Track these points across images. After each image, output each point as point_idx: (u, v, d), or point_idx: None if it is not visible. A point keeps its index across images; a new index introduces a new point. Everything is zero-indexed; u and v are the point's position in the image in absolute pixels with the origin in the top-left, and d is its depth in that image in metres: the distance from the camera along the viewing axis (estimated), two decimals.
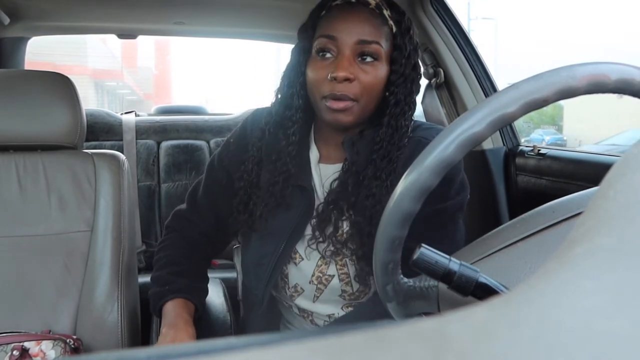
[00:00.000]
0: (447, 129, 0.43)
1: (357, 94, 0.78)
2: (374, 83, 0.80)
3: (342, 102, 0.78)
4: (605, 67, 0.41)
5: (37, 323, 1.04)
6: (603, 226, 0.18)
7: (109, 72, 23.66)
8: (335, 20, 0.80)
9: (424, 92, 1.64)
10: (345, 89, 0.77)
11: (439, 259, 0.45)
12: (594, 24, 30.90)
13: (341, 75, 0.76)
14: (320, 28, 0.82)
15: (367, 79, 0.79)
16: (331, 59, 0.79)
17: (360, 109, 0.80)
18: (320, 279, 0.88)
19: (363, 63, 0.79)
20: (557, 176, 1.30)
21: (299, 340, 0.15)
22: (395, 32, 0.82)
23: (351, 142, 0.84)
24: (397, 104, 0.82)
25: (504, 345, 0.13)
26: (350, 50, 0.78)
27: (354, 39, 0.78)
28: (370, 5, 0.81)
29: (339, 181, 0.85)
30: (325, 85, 0.79)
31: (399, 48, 0.82)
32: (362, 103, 0.80)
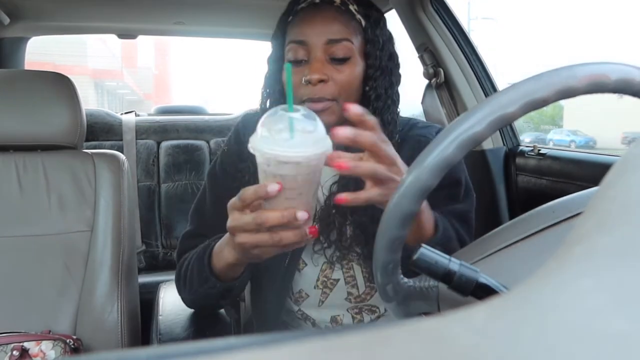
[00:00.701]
0: (447, 129, 0.43)
1: (335, 93, 0.78)
2: (350, 80, 0.79)
3: (320, 104, 0.77)
4: (605, 67, 0.41)
5: (37, 323, 1.04)
6: (603, 226, 0.18)
7: (109, 72, 23.67)
8: (302, 24, 0.80)
9: (424, 92, 1.64)
10: (321, 91, 0.77)
11: (439, 259, 0.45)
12: (595, 24, 30.94)
13: (315, 77, 0.76)
14: (289, 34, 0.81)
15: (341, 77, 0.78)
16: (304, 63, 0.79)
17: (341, 108, 0.78)
18: (325, 283, 0.87)
19: (336, 63, 0.78)
20: (557, 176, 1.30)
21: (299, 340, 0.15)
22: (365, 26, 0.81)
23: (343, 145, 0.83)
24: (379, 98, 0.81)
25: (504, 345, 0.13)
26: (320, 51, 0.78)
27: (323, 40, 0.77)
28: (335, 3, 0.80)
29: (339, 185, 0.84)
30: (301, 89, 0.78)
31: (371, 41, 0.81)
32: (342, 101, 0.79)
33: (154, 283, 1.49)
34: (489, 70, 1.51)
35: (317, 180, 0.60)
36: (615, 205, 0.19)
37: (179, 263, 0.88)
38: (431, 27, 1.48)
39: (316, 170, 0.58)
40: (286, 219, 0.58)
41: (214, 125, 2.09)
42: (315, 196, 0.61)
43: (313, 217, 0.83)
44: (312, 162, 0.56)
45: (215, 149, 2.03)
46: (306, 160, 0.55)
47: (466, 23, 10.47)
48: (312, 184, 0.59)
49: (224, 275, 0.76)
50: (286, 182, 0.57)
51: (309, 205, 0.60)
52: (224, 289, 0.77)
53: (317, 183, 0.60)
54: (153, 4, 1.62)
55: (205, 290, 0.78)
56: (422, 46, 1.54)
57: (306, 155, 0.55)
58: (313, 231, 0.61)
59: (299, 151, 0.55)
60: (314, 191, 0.60)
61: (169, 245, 1.95)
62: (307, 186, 0.58)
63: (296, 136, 0.56)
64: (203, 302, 0.85)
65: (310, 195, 0.59)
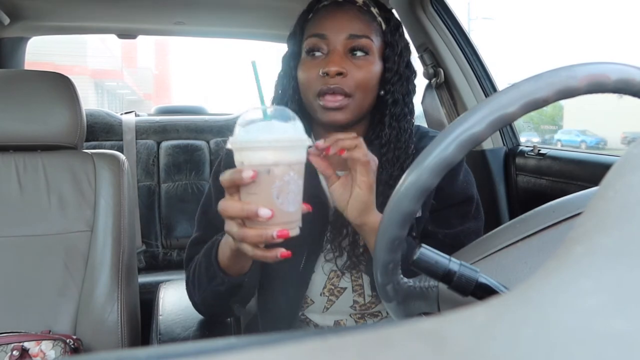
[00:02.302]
0: (447, 129, 0.43)
1: (352, 88, 0.77)
2: (368, 77, 0.78)
3: (337, 98, 0.76)
4: (605, 67, 0.41)
5: (37, 323, 1.04)
6: (603, 226, 0.18)
7: (109, 72, 23.67)
8: (324, 19, 0.80)
9: (424, 92, 1.64)
10: (339, 83, 0.76)
11: (438, 259, 0.45)
12: (595, 24, 30.95)
13: (333, 69, 0.75)
14: (309, 29, 0.81)
15: (360, 73, 0.77)
16: (322, 57, 0.78)
17: (356, 106, 0.79)
18: (332, 291, 0.86)
19: (355, 58, 0.78)
20: (557, 176, 1.30)
21: (299, 340, 0.15)
22: (385, 29, 0.81)
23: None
24: (396, 104, 0.81)
25: (504, 345, 0.13)
26: (341, 45, 0.77)
27: (344, 35, 0.77)
28: (357, 3, 0.81)
29: None
30: (317, 82, 0.77)
31: (390, 45, 0.81)
32: (357, 99, 0.78)
33: (154, 283, 1.49)
34: (489, 70, 1.50)
35: (294, 184, 0.57)
36: (615, 205, 0.19)
37: (187, 268, 0.86)
38: (431, 27, 1.48)
39: (293, 169, 0.57)
40: (245, 212, 0.57)
41: (214, 125, 2.09)
42: (298, 206, 0.59)
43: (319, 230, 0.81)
44: (286, 157, 0.56)
45: (215, 149, 2.03)
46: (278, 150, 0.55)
47: (466, 23, 10.45)
48: (288, 184, 0.57)
49: (231, 269, 0.74)
50: (261, 177, 0.56)
51: (289, 216, 0.57)
52: (233, 285, 0.75)
53: (294, 189, 0.58)
54: (153, 4, 1.62)
55: (214, 288, 0.76)
56: (422, 46, 1.54)
57: (278, 143, 0.55)
58: (284, 254, 0.60)
59: (270, 138, 0.55)
60: (291, 196, 0.57)
61: (169, 245, 1.95)
62: (283, 186, 0.56)
63: (270, 127, 0.56)
64: (214, 302, 0.82)
65: (288, 200, 0.57)
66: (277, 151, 0.55)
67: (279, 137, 0.56)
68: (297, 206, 0.58)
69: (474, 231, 0.84)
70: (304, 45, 0.81)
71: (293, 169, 0.57)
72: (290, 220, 0.58)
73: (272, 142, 0.55)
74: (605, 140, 13.15)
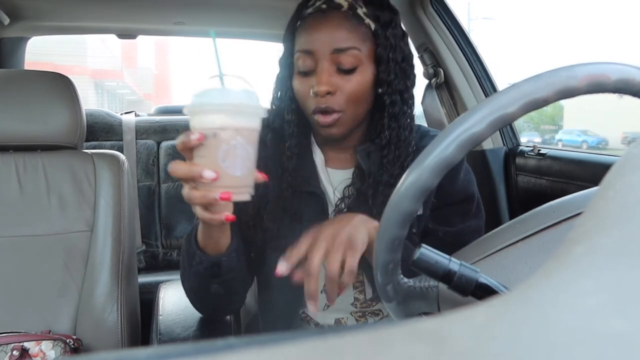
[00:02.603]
0: (447, 129, 0.43)
1: (342, 104, 0.77)
2: (358, 90, 0.77)
3: (329, 116, 0.77)
4: (605, 67, 0.41)
5: (37, 323, 1.04)
6: (603, 226, 0.18)
7: (109, 72, 23.67)
8: (309, 32, 0.78)
9: (424, 92, 1.64)
10: (329, 102, 0.76)
11: (439, 259, 0.45)
12: (595, 24, 30.97)
13: (322, 90, 0.75)
14: (297, 42, 0.80)
15: (349, 88, 0.76)
16: (312, 73, 0.78)
17: (350, 118, 0.79)
18: None
19: (343, 72, 0.77)
20: (557, 176, 1.30)
21: (299, 340, 0.15)
22: (375, 29, 0.78)
23: (366, 152, 0.82)
24: (394, 104, 0.80)
25: (504, 345, 0.13)
26: (327, 61, 0.76)
27: (329, 49, 0.76)
28: (342, 8, 0.78)
29: (355, 189, 0.83)
30: (310, 100, 0.78)
31: (382, 45, 0.78)
32: (350, 112, 0.78)
33: (154, 283, 1.49)
34: (489, 70, 1.50)
35: (242, 149, 0.59)
36: (615, 205, 0.19)
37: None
38: (431, 27, 1.48)
39: (240, 134, 0.58)
40: (190, 173, 0.58)
41: None
42: (246, 172, 0.60)
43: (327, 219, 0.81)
44: (233, 121, 0.57)
45: None
46: (225, 114, 0.57)
47: (466, 23, 10.44)
48: (235, 148, 0.58)
49: (208, 247, 0.74)
50: (207, 140, 0.58)
51: (235, 180, 0.59)
52: (211, 264, 0.74)
53: (241, 153, 0.59)
54: (153, 4, 1.62)
55: (194, 269, 0.76)
56: (422, 46, 1.54)
57: (225, 107, 0.57)
58: (229, 217, 0.63)
59: (217, 102, 0.57)
60: (238, 161, 0.59)
61: (169, 245, 1.95)
62: (229, 150, 0.58)
63: (221, 94, 0.59)
64: (197, 286, 0.81)
65: (235, 164, 0.59)
66: (224, 115, 0.57)
67: (226, 102, 0.58)
68: (244, 171, 0.59)
69: (475, 229, 0.84)
70: (295, 59, 0.80)
71: (240, 134, 0.58)
72: (237, 184, 0.59)
73: (220, 106, 0.57)
74: (606, 140, 13.13)
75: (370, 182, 0.81)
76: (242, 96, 0.58)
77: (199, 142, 0.58)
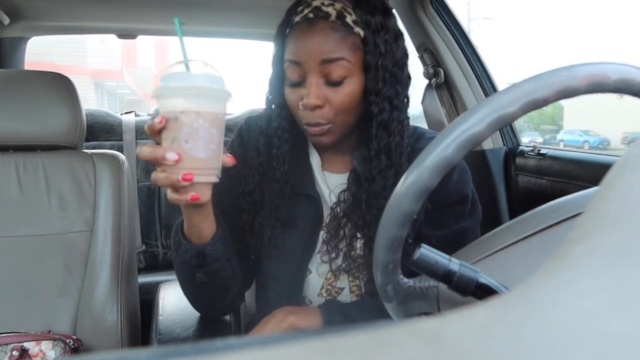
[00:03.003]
0: (447, 129, 0.43)
1: (330, 117, 0.76)
2: (347, 101, 0.76)
3: (318, 127, 0.77)
4: (605, 67, 0.41)
5: (37, 323, 1.04)
6: (603, 226, 0.18)
7: (109, 72, 23.67)
8: (297, 42, 0.77)
9: (424, 92, 1.64)
10: (317, 116, 0.76)
11: (439, 259, 0.45)
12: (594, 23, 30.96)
13: (310, 103, 0.74)
14: (287, 50, 0.79)
15: (337, 100, 0.76)
16: (301, 84, 0.77)
17: (339, 128, 0.78)
18: (329, 291, 0.86)
19: (331, 84, 0.75)
20: (557, 176, 1.30)
21: (299, 340, 0.15)
22: (364, 36, 0.76)
23: (362, 157, 0.81)
24: (382, 112, 0.78)
25: (504, 345, 0.13)
26: (315, 73, 0.75)
27: (317, 61, 0.74)
28: (330, 18, 0.75)
29: (350, 193, 0.83)
30: (300, 112, 0.78)
31: (371, 52, 0.76)
32: (340, 122, 0.77)
33: (154, 283, 1.49)
34: (489, 70, 1.50)
35: (204, 131, 0.60)
36: (615, 205, 0.19)
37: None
38: (431, 27, 1.48)
39: (202, 117, 0.60)
40: (154, 155, 0.60)
41: None
42: (210, 154, 0.62)
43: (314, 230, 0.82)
44: (194, 104, 0.59)
45: None
46: (186, 97, 0.58)
47: (466, 23, 10.43)
48: (197, 131, 0.60)
49: (193, 236, 0.75)
50: (170, 123, 0.60)
51: (198, 162, 0.61)
52: (196, 252, 0.75)
53: (204, 136, 0.60)
54: (153, 4, 1.61)
55: (181, 258, 0.76)
56: (422, 46, 1.54)
57: (186, 91, 0.59)
58: (194, 197, 0.64)
59: (178, 85, 0.59)
60: (201, 143, 0.60)
61: (169, 245, 1.95)
62: (191, 133, 0.60)
63: (185, 78, 0.60)
64: (185, 276, 0.81)
65: (197, 146, 0.60)
66: (185, 99, 0.59)
67: (186, 85, 0.59)
68: (208, 153, 0.61)
69: (469, 229, 0.83)
70: (285, 68, 0.79)
71: (202, 117, 0.60)
72: (200, 166, 0.61)
73: (181, 90, 0.59)
74: (608, 140, 13.10)
75: (366, 187, 0.80)
76: (204, 80, 0.60)
77: (161, 125, 0.60)
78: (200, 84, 0.59)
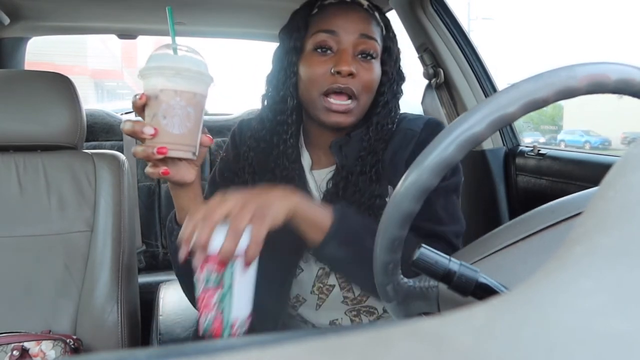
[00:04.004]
0: (447, 129, 0.43)
1: (359, 90, 0.78)
2: (373, 80, 0.80)
3: (343, 100, 0.77)
4: (605, 67, 0.41)
5: (37, 323, 1.04)
6: (603, 226, 0.18)
7: (109, 72, 23.66)
8: (334, 16, 0.79)
9: (424, 92, 1.64)
10: (349, 83, 0.77)
11: (438, 259, 0.45)
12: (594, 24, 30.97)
13: (345, 69, 0.75)
14: (316, 25, 0.80)
15: (367, 76, 0.78)
16: (331, 54, 0.78)
17: (360, 109, 0.80)
18: (321, 289, 0.87)
19: (363, 60, 0.79)
20: (557, 176, 1.30)
21: (299, 340, 0.15)
22: (384, 35, 0.83)
23: (338, 146, 0.83)
24: (386, 106, 0.82)
25: (504, 345, 0.13)
26: (351, 45, 0.78)
27: (356, 34, 0.78)
28: (363, 6, 0.81)
29: (332, 183, 0.84)
30: (326, 80, 0.77)
31: (389, 50, 0.83)
32: (362, 102, 0.79)
33: (154, 283, 1.49)
34: (488, 70, 1.50)
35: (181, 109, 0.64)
36: (615, 205, 0.19)
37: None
38: (431, 27, 1.48)
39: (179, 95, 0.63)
40: (133, 128, 0.64)
41: (213, 126, 2.09)
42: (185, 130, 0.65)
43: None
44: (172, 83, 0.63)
45: (215, 149, 2.03)
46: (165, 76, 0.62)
47: (466, 23, 10.42)
48: (173, 108, 0.63)
49: (184, 221, 0.73)
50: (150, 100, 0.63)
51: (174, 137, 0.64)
52: None
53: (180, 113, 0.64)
54: (153, 4, 1.61)
55: (174, 246, 0.76)
56: (422, 46, 1.54)
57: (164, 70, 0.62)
58: (165, 171, 0.67)
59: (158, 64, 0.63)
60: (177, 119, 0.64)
61: None
62: (168, 109, 0.63)
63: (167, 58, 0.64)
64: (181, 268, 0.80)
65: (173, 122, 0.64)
66: (165, 78, 0.63)
67: (167, 65, 0.63)
68: (183, 130, 0.65)
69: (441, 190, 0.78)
70: (310, 40, 0.80)
71: (180, 96, 0.63)
72: (175, 141, 0.65)
73: (161, 69, 0.63)
74: (609, 141, 13.10)
75: (343, 175, 0.82)
76: (185, 62, 0.64)
77: (142, 101, 0.64)
78: (179, 65, 0.64)
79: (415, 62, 1.58)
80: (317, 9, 0.82)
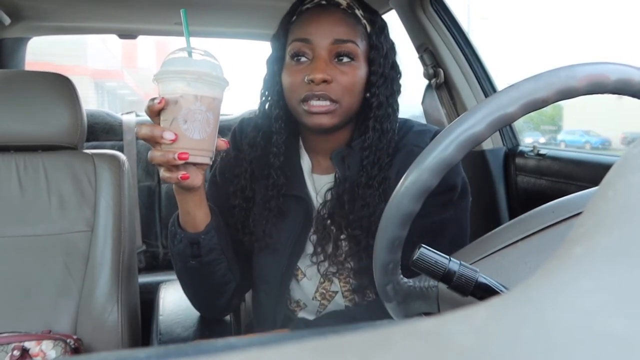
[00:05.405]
0: (447, 129, 0.43)
1: (338, 94, 0.76)
2: (353, 83, 0.77)
3: (323, 104, 0.75)
4: (605, 67, 0.41)
5: (37, 323, 1.04)
6: (602, 226, 0.18)
7: (109, 73, 23.66)
8: (308, 23, 0.78)
9: (424, 92, 1.64)
10: (324, 90, 0.75)
11: (438, 259, 0.45)
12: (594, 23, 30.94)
13: (318, 77, 0.74)
14: (293, 33, 0.79)
15: (345, 79, 0.76)
16: (307, 62, 0.77)
17: (343, 110, 0.78)
18: (324, 295, 0.87)
19: (340, 64, 0.77)
20: (557, 176, 1.30)
21: (299, 340, 0.15)
22: (370, 32, 0.80)
23: (340, 157, 0.82)
24: (380, 106, 0.80)
25: (504, 345, 0.13)
26: (325, 51, 0.76)
27: (329, 40, 0.76)
28: (341, 6, 0.79)
29: (333, 193, 0.83)
30: (302, 88, 0.76)
31: (376, 47, 0.79)
32: (344, 105, 0.77)
33: (154, 283, 1.49)
34: (488, 71, 1.50)
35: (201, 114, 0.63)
36: (615, 205, 0.19)
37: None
38: (431, 28, 1.48)
39: (200, 100, 0.63)
40: (153, 133, 0.63)
41: None
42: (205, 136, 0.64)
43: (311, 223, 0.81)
44: (192, 88, 0.62)
45: None
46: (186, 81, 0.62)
47: (466, 23, 10.38)
48: (194, 113, 0.63)
49: (187, 224, 0.77)
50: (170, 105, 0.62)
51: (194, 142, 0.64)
52: (190, 241, 0.77)
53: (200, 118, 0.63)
54: (153, 4, 1.62)
55: (176, 249, 0.78)
56: (422, 46, 1.54)
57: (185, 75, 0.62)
58: (184, 176, 0.66)
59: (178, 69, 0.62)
60: (197, 125, 0.63)
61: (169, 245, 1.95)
62: (189, 114, 0.62)
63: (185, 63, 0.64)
64: (182, 270, 0.83)
65: (194, 128, 0.63)
66: (185, 83, 0.62)
67: (187, 70, 0.62)
68: (203, 135, 0.64)
69: (451, 221, 0.80)
70: (288, 49, 0.79)
71: (200, 101, 0.63)
72: (195, 147, 0.64)
73: (182, 74, 0.62)
74: (609, 141, 13.10)
75: (347, 187, 0.81)
76: (204, 66, 0.63)
77: (161, 106, 0.62)
78: (201, 69, 0.62)
79: (415, 62, 1.58)
80: (296, 16, 0.81)
